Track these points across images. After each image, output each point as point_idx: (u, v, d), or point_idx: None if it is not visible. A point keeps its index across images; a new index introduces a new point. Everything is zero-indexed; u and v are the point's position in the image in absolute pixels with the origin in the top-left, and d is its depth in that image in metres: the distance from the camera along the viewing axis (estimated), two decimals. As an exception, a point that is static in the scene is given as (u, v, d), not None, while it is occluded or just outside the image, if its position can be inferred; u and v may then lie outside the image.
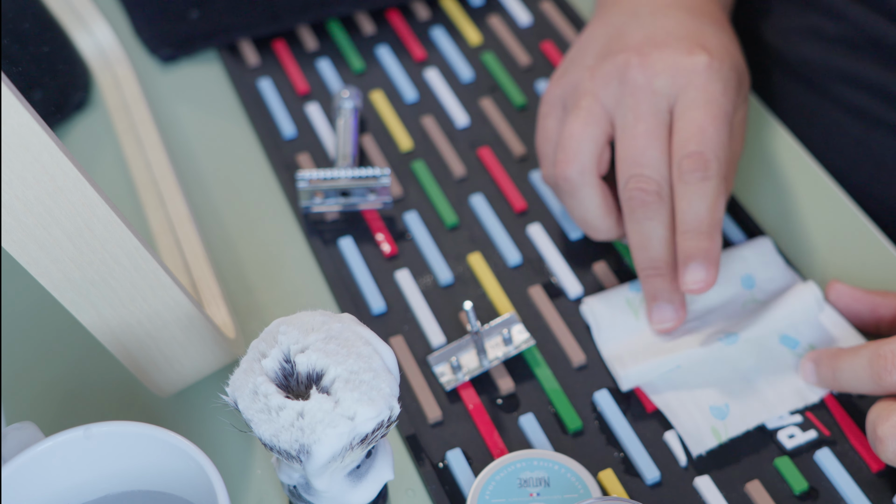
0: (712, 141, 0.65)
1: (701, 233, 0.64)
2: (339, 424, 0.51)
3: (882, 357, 0.60)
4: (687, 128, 0.65)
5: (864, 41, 0.77)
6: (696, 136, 0.65)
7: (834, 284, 0.68)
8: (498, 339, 0.67)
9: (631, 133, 0.66)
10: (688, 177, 0.64)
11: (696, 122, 0.65)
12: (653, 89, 0.66)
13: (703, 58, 0.67)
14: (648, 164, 0.65)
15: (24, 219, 0.53)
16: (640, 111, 0.66)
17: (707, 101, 0.66)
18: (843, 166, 0.78)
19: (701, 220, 0.64)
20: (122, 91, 0.81)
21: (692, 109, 0.66)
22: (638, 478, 0.62)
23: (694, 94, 0.66)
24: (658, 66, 0.67)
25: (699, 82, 0.66)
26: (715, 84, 0.66)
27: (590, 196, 0.67)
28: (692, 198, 0.64)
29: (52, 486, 0.55)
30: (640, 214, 0.65)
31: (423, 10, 0.85)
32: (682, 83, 0.66)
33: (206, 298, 0.68)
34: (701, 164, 0.64)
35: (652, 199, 0.65)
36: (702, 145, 0.64)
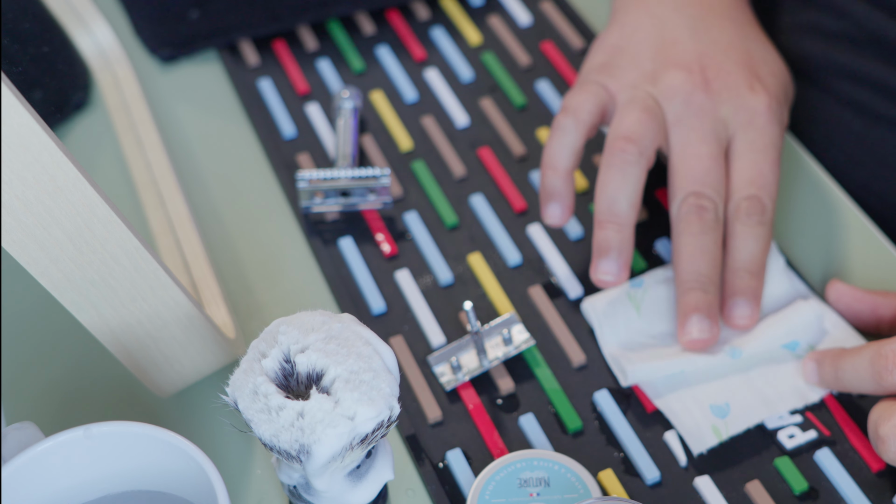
0: (770, 186, 0.67)
1: (752, 273, 0.66)
2: (339, 424, 0.51)
3: (883, 357, 0.60)
4: (749, 169, 0.67)
5: (865, 37, 0.77)
6: (758, 179, 0.67)
7: (834, 284, 0.68)
8: (498, 339, 0.67)
9: (696, 152, 0.68)
10: (746, 218, 0.66)
11: (757, 165, 0.68)
12: (716, 115, 0.69)
13: (764, 99, 0.69)
14: (712, 185, 0.67)
15: (24, 219, 0.53)
16: (705, 133, 0.68)
17: (766, 146, 0.68)
18: (844, 162, 0.78)
19: (754, 261, 0.66)
20: (122, 91, 0.81)
21: (753, 152, 0.68)
22: (638, 478, 0.62)
23: (754, 135, 0.68)
24: (724, 94, 0.69)
25: (760, 124, 0.68)
26: (774, 127, 0.69)
27: (636, 177, 0.67)
28: (748, 239, 0.66)
29: (52, 486, 0.55)
30: (696, 228, 0.66)
31: (423, 10, 0.85)
32: (743, 120, 0.69)
33: (206, 298, 0.68)
34: (759, 208, 0.67)
35: (711, 217, 0.66)
36: (761, 189, 0.67)
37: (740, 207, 0.67)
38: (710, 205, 0.66)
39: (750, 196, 0.67)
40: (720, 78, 0.70)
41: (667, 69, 0.70)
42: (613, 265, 0.66)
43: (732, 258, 0.67)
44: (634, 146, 0.67)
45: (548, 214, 0.69)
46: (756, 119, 0.69)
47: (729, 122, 0.69)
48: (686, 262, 0.66)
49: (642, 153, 0.67)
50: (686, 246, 0.66)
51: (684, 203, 0.67)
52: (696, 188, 0.67)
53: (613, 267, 0.66)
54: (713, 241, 0.66)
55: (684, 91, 0.69)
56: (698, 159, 0.68)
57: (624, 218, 0.67)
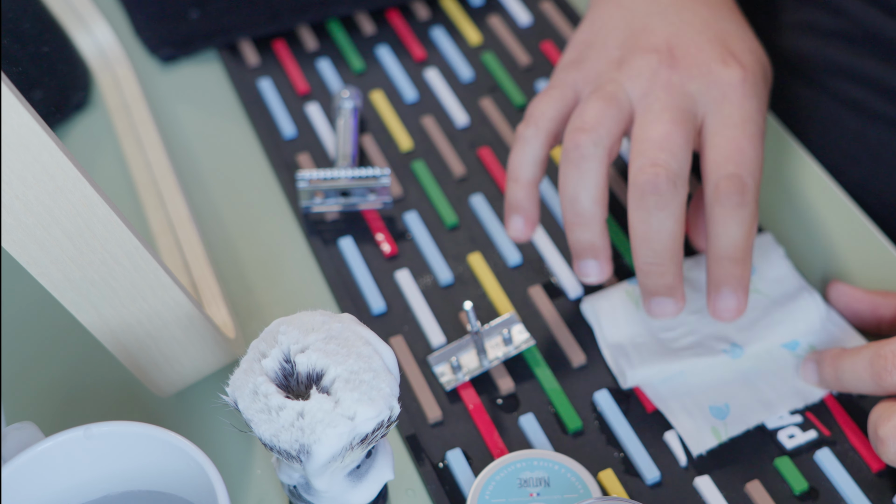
0: (750, 162, 0.63)
1: (736, 260, 0.63)
2: (339, 424, 0.51)
3: (883, 357, 0.60)
4: (725, 146, 0.63)
5: (862, 35, 0.77)
6: (735, 155, 0.63)
7: (834, 284, 0.68)
8: (498, 339, 0.67)
9: (656, 117, 0.63)
10: (725, 200, 0.62)
11: (735, 141, 0.63)
12: (685, 90, 0.65)
13: (738, 71, 0.65)
14: (670, 150, 0.62)
15: (24, 219, 0.53)
16: (669, 103, 0.64)
17: (744, 120, 0.64)
18: (840, 161, 0.78)
19: (737, 246, 0.62)
20: (122, 91, 0.81)
21: (729, 127, 0.63)
22: (638, 478, 0.62)
23: (729, 109, 0.64)
24: (693, 70, 0.65)
25: (735, 98, 0.64)
26: (751, 101, 0.65)
27: (595, 172, 0.63)
28: (728, 223, 0.62)
29: (52, 486, 0.55)
30: (650, 202, 0.62)
31: (423, 10, 0.85)
32: (717, 95, 0.64)
33: (206, 298, 0.68)
34: (739, 188, 0.62)
35: (666, 187, 0.61)
36: (740, 167, 0.62)
37: (719, 188, 0.62)
38: (667, 172, 0.61)
39: (729, 175, 0.62)
40: (690, 55, 0.66)
41: (633, 54, 0.66)
42: (592, 265, 0.65)
43: (713, 245, 0.63)
44: (588, 137, 0.63)
45: (511, 227, 0.66)
46: (730, 93, 0.64)
47: (699, 99, 0.64)
48: (641, 243, 0.62)
49: (598, 143, 0.63)
50: (640, 224, 0.62)
51: (640, 172, 0.62)
52: (652, 154, 0.62)
53: (593, 267, 0.65)
54: (671, 216, 0.62)
55: (650, 69, 0.65)
56: (657, 123, 0.63)
57: (588, 216, 0.64)
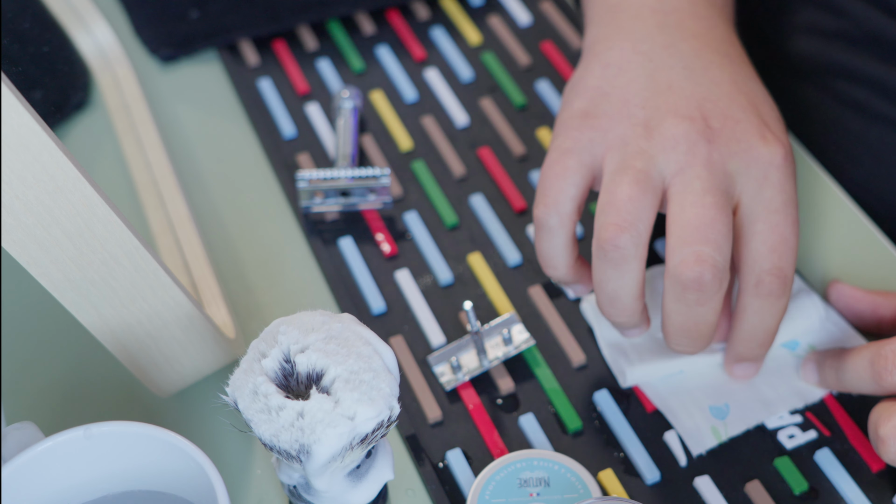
0: (792, 252, 0.60)
1: (762, 344, 0.62)
2: (339, 424, 0.51)
3: (883, 357, 0.60)
4: (768, 234, 0.60)
5: (863, 36, 0.77)
6: (779, 246, 0.60)
7: (835, 284, 0.68)
8: (498, 339, 0.67)
9: (697, 200, 0.58)
10: (767, 295, 0.60)
11: (778, 228, 0.60)
12: (726, 170, 0.60)
13: (779, 150, 0.61)
14: (715, 241, 0.58)
15: (24, 219, 0.53)
16: (710, 185, 0.59)
17: (785, 204, 0.60)
18: (842, 161, 0.78)
19: (767, 333, 0.62)
20: (122, 91, 0.81)
21: (773, 213, 0.60)
22: (638, 478, 0.62)
23: (771, 193, 0.60)
24: (733, 146, 0.60)
25: (777, 179, 0.60)
26: (791, 182, 0.61)
27: (636, 271, 0.60)
28: (765, 315, 0.60)
29: (52, 486, 0.55)
30: (691, 298, 0.58)
31: (423, 10, 0.85)
32: (757, 175, 0.60)
33: (206, 298, 0.68)
34: (782, 284, 0.60)
35: (711, 285, 0.58)
36: (783, 258, 0.60)
37: (762, 283, 0.59)
38: (714, 268, 0.58)
39: (773, 269, 0.59)
40: (727, 127, 0.61)
41: (663, 118, 0.61)
42: (635, 332, 0.63)
43: (743, 329, 0.61)
44: (628, 237, 0.58)
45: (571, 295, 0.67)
46: (772, 174, 0.60)
47: (739, 178, 0.60)
48: (674, 330, 0.61)
49: (637, 242, 0.59)
50: (679, 316, 0.60)
51: (682, 266, 0.58)
52: (697, 246, 0.58)
53: (636, 333, 0.63)
54: (713, 310, 0.59)
55: (687, 142, 0.60)
56: (702, 208, 0.58)
57: (630, 310, 0.61)
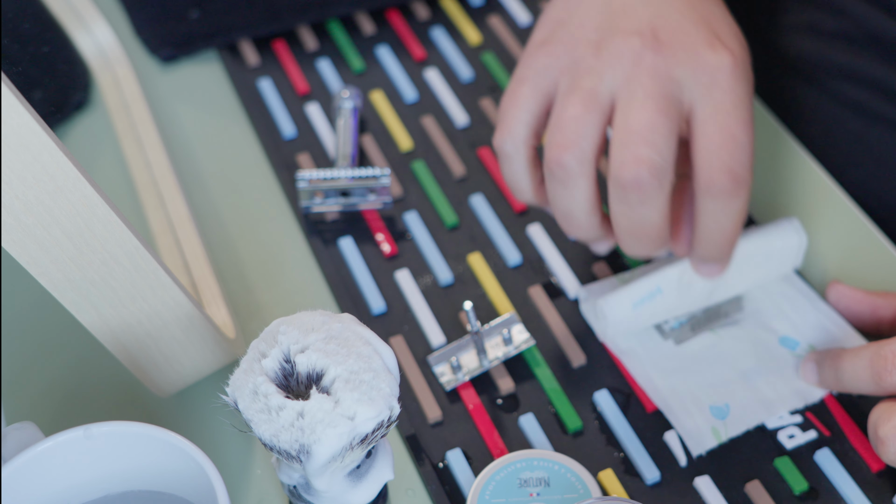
0: (744, 150, 0.60)
1: (723, 246, 0.63)
2: (339, 424, 0.51)
3: (882, 357, 0.60)
4: (717, 134, 0.60)
5: (864, 36, 0.77)
6: (728, 144, 0.60)
7: (834, 285, 0.68)
8: (498, 339, 0.67)
9: (640, 106, 0.60)
10: (719, 193, 0.60)
11: (727, 128, 0.60)
12: (670, 76, 0.61)
13: (727, 56, 0.61)
14: (654, 143, 0.59)
15: (24, 219, 0.53)
16: (653, 90, 0.60)
17: (735, 105, 0.61)
18: (842, 162, 0.78)
19: (726, 236, 0.62)
20: (122, 91, 0.81)
21: (720, 114, 0.60)
22: (638, 478, 0.62)
23: (720, 96, 0.61)
24: (680, 55, 0.61)
25: (725, 83, 0.61)
26: (741, 85, 0.61)
27: (584, 188, 0.62)
28: (720, 216, 0.61)
29: (52, 486, 0.55)
30: (633, 199, 0.60)
31: (423, 10, 0.85)
32: (706, 81, 0.61)
33: (206, 298, 0.68)
34: (734, 181, 0.60)
35: (650, 184, 0.59)
36: (734, 157, 0.60)
37: (712, 181, 0.60)
38: (652, 168, 0.59)
39: (722, 168, 0.60)
40: (676, 39, 0.61)
41: (613, 36, 0.62)
42: (601, 246, 0.69)
43: (702, 233, 0.62)
44: (572, 155, 0.60)
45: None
46: (719, 78, 0.61)
47: (686, 84, 0.61)
48: (622, 234, 0.62)
49: (582, 160, 0.61)
50: (623, 218, 0.61)
51: (623, 167, 0.59)
52: (636, 149, 0.59)
53: (602, 247, 0.69)
54: (655, 210, 0.60)
55: (632, 53, 0.61)
56: (642, 111, 0.59)
57: (586, 224, 0.63)
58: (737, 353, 0.66)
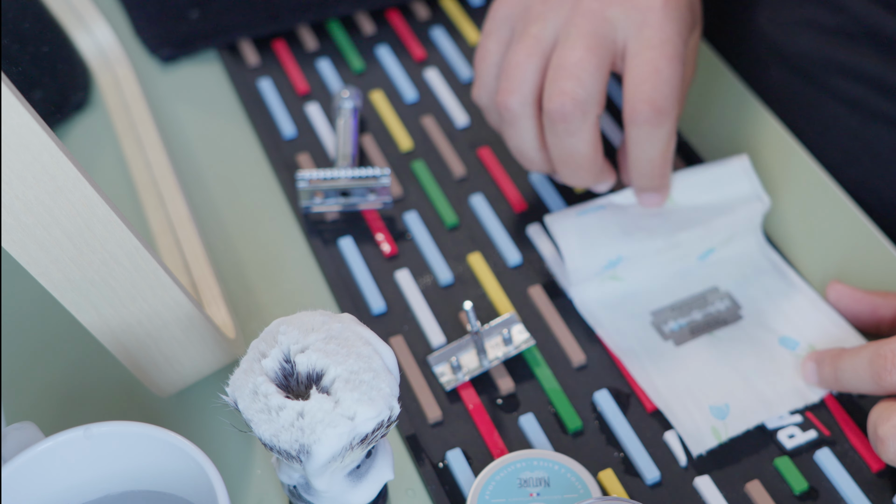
0: (667, 83, 0.65)
1: (654, 175, 0.67)
2: (339, 424, 0.51)
3: (882, 357, 0.60)
4: (642, 67, 0.65)
5: (863, 33, 0.77)
6: (652, 77, 0.64)
7: (834, 285, 0.68)
8: (498, 339, 0.67)
9: (571, 45, 0.65)
10: (642, 123, 0.65)
11: (652, 62, 0.65)
12: (604, 16, 0.65)
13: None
14: (579, 77, 0.64)
15: (24, 219, 0.53)
16: (585, 31, 0.65)
17: (663, 42, 0.65)
18: (840, 159, 0.78)
19: (654, 164, 0.66)
20: (122, 91, 0.81)
21: (648, 49, 0.65)
22: (638, 478, 0.62)
23: (649, 33, 0.65)
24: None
25: (655, 21, 0.65)
26: (671, 24, 0.66)
27: (528, 128, 0.67)
28: (645, 144, 0.65)
29: (52, 486, 0.55)
30: (560, 129, 0.65)
31: (423, 10, 0.85)
32: (637, 19, 0.65)
33: (206, 298, 0.68)
34: (655, 111, 0.64)
35: (573, 115, 0.64)
36: (657, 89, 0.64)
37: (635, 111, 0.64)
38: (575, 99, 0.64)
39: (645, 98, 0.64)
40: None
41: None
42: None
43: (632, 163, 0.67)
44: (514, 99, 0.66)
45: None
46: (650, 17, 0.65)
47: (619, 24, 0.66)
48: (561, 166, 0.67)
49: (524, 102, 0.66)
50: (555, 149, 0.66)
51: (548, 100, 0.65)
52: (562, 83, 0.64)
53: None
54: (582, 140, 0.65)
55: (570, 2, 0.66)
56: (571, 50, 0.65)
57: (538, 161, 0.69)
58: (736, 353, 0.66)
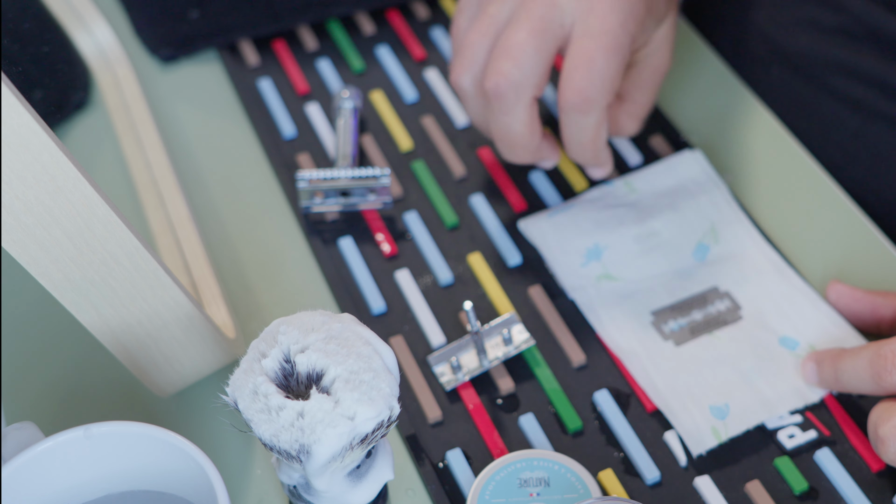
0: (599, 74, 0.66)
1: (587, 155, 0.70)
2: (339, 424, 0.51)
3: (882, 357, 0.60)
4: (576, 56, 0.66)
5: (863, 32, 0.77)
6: (584, 66, 0.66)
7: (834, 285, 0.68)
8: (498, 339, 0.67)
9: (516, 28, 0.66)
10: (569, 110, 0.66)
11: (587, 52, 0.66)
12: (553, 1, 0.67)
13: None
14: (515, 58, 0.66)
15: (24, 219, 0.53)
16: (533, 14, 0.66)
17: (602, 32, 0.66)
18: (840, 159, 0.78)
19: (584, 148, 0.69)
20: (122, 91, 0.81)
21: (586, 38, 0.66)
22: (638, 478, 0.62)
23: (592, 22, 0.66)
24: None
25: (600, 10, 0.66)
26: (615, 14, 0.66)
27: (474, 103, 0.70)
28: (573, 130, 0.68)
29: (52, 486, 0.55)
30: (495, 107, 0.67)
31: (423, 9, 0.85)
32: (584, 6, 0.66)
33: (206, 298, 0.68)
34: (583, 100, 0.66)
35: (506, 95, 0.66)
36: (586, 79, 0.66)
37: (564, 98, 0.66)
38: (505, 83, 0.66)
39: (573, 87, 0.66)
40: None
41: None
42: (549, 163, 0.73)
43: (566, 144, 0.69)
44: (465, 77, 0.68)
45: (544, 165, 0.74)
46: (596, 5, 0.66)
47: (567, 10, 0.67)
48: (496, 140, 0.70)
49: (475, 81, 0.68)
50: (492, 125, 0.69)
51: (487, 78, 0.67)
52: (499, 63, 0.66)
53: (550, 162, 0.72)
54: (517, 119, 0.67)
55: None
56: (515, 33, 0.66)
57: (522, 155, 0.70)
58: (736, 353, 0.66)
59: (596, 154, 0.70)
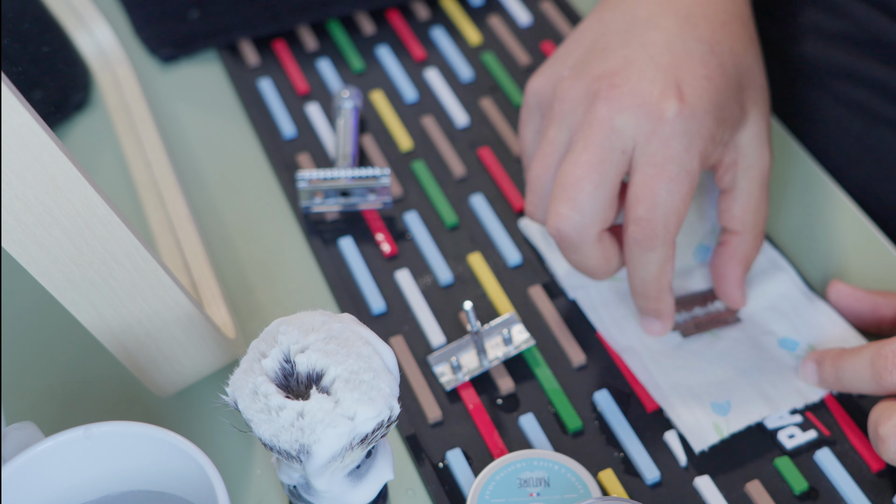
0: (662, 206, 0.61)
1: (649, 297, 0.64)
2: (339, 424, 0.51)
3: (883, 357, 0.60)
4: (640, 185, 0.62)
5: (866, 38, 0.77)
6: (646, 198, 0.61)
7: (835, 284, 0.68)
8: (498, 339, 0.67)
9: (574, 159, 0.62)
10: (633, 244, 0.62)
11: (650, 181, 0.61)
12: (612, 126, 0.62)
13: (673, 105, 0.61)
14: (575, 199, 0.62)
15: (24, 219, 0.53)
16: (591, 142, 0.62)
17: (666, 160, 0.61)
18: (843, 163, 0.78)
19: (648, 286, 0.64)
20: (122, 91, 0.81)
21: (649, 166, 0.61)
22: (638, 478, 0.62)
23: (656, 147, 0.61)
24: (625, 101, 0.62)
25: (663, 134, 0.61)
26: (679, 139, 0.61)
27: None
28: (638, 266, 0.63)
29: (52, 486, 0.55)
30: (561, 247, 0.64)
31: (423, 10, 0.85)
32: (647, 130, 0.61)
33: (206, 298, 0.68)
34: (647, 233, 0.62)
35: (571, 236, 0.62)
36: (651, 210, 0.61)
37: (628, 231, 0.62)
38: (567, 227, 0.62)
39: (637, 219, 0.62)
40: (629, 84, 0.62)
41: (576, 79, 0.64)
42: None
43: (630, 282, 0.64)
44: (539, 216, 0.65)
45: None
46: (660, 129, 0.61)
47: (628, 132, 0.62)
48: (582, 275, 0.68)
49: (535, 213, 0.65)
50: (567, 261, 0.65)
51: (548, 221, 0.63)
52: (559, 206, 0.62)
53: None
54: (586, 257, 0.63)
55: (585, 102, 0.63)
56: (573, 168, 0.62)
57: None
58: (737, 353, 0.66)
59: (658, 296, 0.64)
